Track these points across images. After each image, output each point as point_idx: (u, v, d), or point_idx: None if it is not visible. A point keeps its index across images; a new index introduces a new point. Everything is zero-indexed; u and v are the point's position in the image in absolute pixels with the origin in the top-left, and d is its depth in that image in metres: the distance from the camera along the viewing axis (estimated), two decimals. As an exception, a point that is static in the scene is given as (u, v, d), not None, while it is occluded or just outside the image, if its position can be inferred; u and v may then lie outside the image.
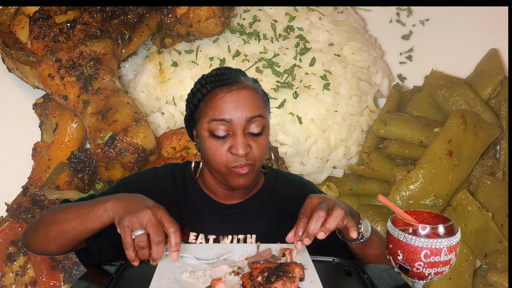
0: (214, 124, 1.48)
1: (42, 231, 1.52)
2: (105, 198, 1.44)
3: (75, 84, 2.70)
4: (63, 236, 1.47)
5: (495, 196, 2.70)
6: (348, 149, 3.04)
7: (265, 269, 1.23)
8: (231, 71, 1.57)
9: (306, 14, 3.20)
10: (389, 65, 3.46)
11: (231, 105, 1.48)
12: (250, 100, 1.50)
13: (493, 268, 2.63)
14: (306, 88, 2.92)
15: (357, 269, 1.40)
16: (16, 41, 2.84)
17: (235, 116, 1.47)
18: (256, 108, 1.50)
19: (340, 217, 1.35)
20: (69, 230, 1.45)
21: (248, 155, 1.49)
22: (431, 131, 2.88)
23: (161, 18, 2.98)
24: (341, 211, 1.36)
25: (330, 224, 1.34)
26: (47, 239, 1.50)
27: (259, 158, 1.52)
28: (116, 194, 1.46)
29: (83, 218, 1.43)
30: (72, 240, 1.48)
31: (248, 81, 1.55)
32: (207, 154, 1.52)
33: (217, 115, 1.48)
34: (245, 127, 1.49)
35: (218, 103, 1.49)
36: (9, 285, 2.53)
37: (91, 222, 1.42)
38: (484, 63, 3.25)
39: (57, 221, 1.48)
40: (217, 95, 1.50)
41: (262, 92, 1.58)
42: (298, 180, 1.76)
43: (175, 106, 2.99)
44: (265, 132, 1.54)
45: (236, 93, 1.49)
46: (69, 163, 2.68)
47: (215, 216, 1.61)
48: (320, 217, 1.34)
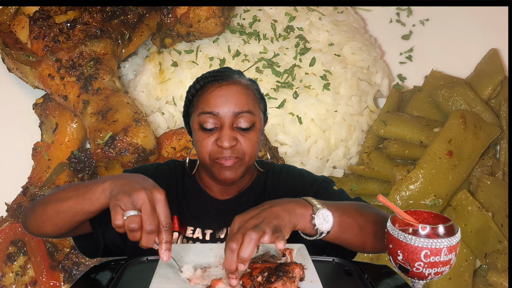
0: (203, 117, 1.51)
1: (39, 209, 1.48)
2: (104, 178, 1.38)
3: (75, 84, 2.70)
4: (58, 215, 1.42)
5: (495, 196, 2.70)
6: (348, 149, 3.04)
7: (265, 269, 1.23)
8: (228, 70, 1.60)
9: (306, 14, 3.20)
10: (389, 65, 3.46)
11: (220, 99, 1.51)
12: (239, 96, 1.52)
13: (493, 268, 2.63)
14: (306, 88, 2.92)
15: (357, 269, 1.40)
16: (16, 41, 2.84)
17: (223, 110, 1.50)
18: (244, 103, 1.52)
19: (252, 242, 1.20)
20: (65, 209, 1.41)
21: (234, 148, 1.50)
22: (431, 131, 2.88)
23: (161, 18, 2.98)
24: (252, 235, 1.20)
25: (243, 253, 1.19)
26: (43, 217, 1.46)
27: (248, 152, 1.53)
28: (117, 174, 1.43)
29: (80, 198, 1.38)
30: (68, 221, 1.43)
31: (242, 79, 1.58)
32: (196, 146, 1.56)
33: (206, 108, 1.52)
34: (233, 121, 1.51)
35: (207, 97, 1.53)
36: (9, 285, 2.53)
37: (88, 203, 1.36)
38: (484, 63, 3.25)
39: (55, 200, 1.44)
40: (208, 89, 1.54)
41: (257, 91, 1.60)
42: (286, 167, 1.76)
43: (175, 106, 2.99)
44: (256, 129, 1.55)
45: (226, 88, 1.52)
46: (69, 163, 2.68)
47: (212, 211, 1.62)
48: (232, 250, 1.21)
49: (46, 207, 1.46)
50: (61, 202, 1.42)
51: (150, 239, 1.25)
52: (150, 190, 1.29)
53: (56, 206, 1.43)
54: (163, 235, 1.26)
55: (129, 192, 1.27)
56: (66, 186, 1.49)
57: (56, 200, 1.44)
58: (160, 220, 1.27)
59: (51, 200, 1.46)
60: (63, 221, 1.43)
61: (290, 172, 1.73)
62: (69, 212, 1.40)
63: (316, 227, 1.33)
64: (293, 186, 1.64)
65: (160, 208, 1.28)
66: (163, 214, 1.28)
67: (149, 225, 1.25)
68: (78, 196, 1.38)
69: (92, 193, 1.35)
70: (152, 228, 1.25)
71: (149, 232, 1.24)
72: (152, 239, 1.26)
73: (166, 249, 1.26)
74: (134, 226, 1.24)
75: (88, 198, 1.36)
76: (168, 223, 1.27)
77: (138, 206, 1.26)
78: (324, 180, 1.70)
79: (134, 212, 1.25)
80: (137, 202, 1.26)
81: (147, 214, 1.25)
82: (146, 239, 1.25)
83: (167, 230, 1.27)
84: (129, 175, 1.40)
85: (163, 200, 1.29)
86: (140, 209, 1.26)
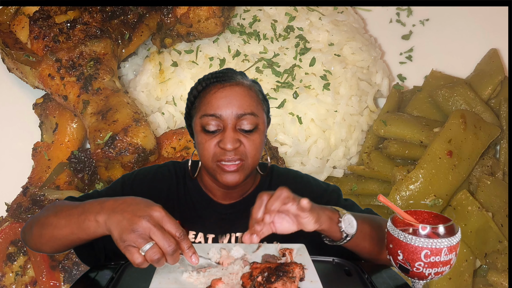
0: (205, 119, 1.49)
1: (36, 232, 1.48)
2: (95, 208, 1.33)
3: (75, 84, 2.70)
4: (55, 241, 1.43)
5: (495, 196, 2.70)
6: (348, 149, 3.04)
7: (265, 269, 1.23)
8: (230, 71, 1.58)
9: (306, 14, 3.20)
10: (389, 65, 3.46)
11: (222, 100, 1.49)
12: (242, 97, 1.50)
13: (493, 268, 2.63)
14: (306, 88, 2.92)
15: (357, 269, 1.40)
16: (16, 41, 2.84)
17: (225, 111, 1.48)
18: (247, 105, 1.50)
19: (282, 196, 1.28)
20: (61, 237, 1.41)
21: (238, 150, 1.48)
22: (431, 131, 2.88)
23: (161, 18, 2.98)
24: (283, 192, 1.29)
25: (270, 204, 1.28)
26: (41, 241, 1.47)
27: (251, 155, 1.50)
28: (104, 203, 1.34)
29: (74, 228, 1.37)
30: (66, 246, 1.45)
31: (244, 80, 1.55)
32: (198, 148, 1.54)
33: (208, 110, 1.49)
34: (236, 123, 1.49)
35: (210, 99, 1.50)
36: (9, 285, 2.53)
37: (84, 235, 1.35)
38: (484, 63, 3.25)
39: (49, 225, 1.43)
40: (210, 91, 1.52)
41: (260, 92, 1.58)
42: (293, 173, 1.73)
43: (175, 106, 2.99)
44: (259, 131, 1.52)
45: (228, 89, 1.50)
46: (69, 163, 2.68)
47: (214, 216, 1.60)
48: (261, 200, 1.29)
49: (42, 232, 1.45)
50: (55, 229, 1.41)
51: (176, 258, 1.25)
52: (147, 214, 1.25)
53: (52, 232, 1.42)
54: (183, 245, 1.26)
55: (131, 228, 1.23)
56: (58, 207, 1.45)
57: (51, 226, 1.42)
58: (173, 234, 1.25)
59: (46, 224, 1.44)
60: (62, 246, 1.45)
61: (298, 179, 1.69)
62: (65, 240, 1.41)
63: (342, 229, 1.37)
64: (301, 195, 1.56)
65: (166, 224, 1.26)
66: (173, 228, 1.26)
67: (169, 247, 1.23)
68: (72, 226, 1.37)
69: (86, 226, 1.33)
70: (172, 247, 1.23)
71: (173, 253, 1.24)
72: (177, 256, 1.25)
73: (192, 254, 1.26)
74: (157, 257, 1.22)
75: (83, 230, 1.35)
76: (181, 233, 1.26)
77: (147, 236, 1.23)
78: (333, 191, 1.67)
79: (149, 245, 1.22)
80: (145, 233, 1.23)
81: (160, 238, 1.23)
82: (172, 259, 1.24)
83: (183, 239, 1.26)
84: (117, 202, 1.32)
85: (165, 215, 1.27)
86: (150, 238, 1.23)
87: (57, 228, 1.41)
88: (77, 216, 1.36)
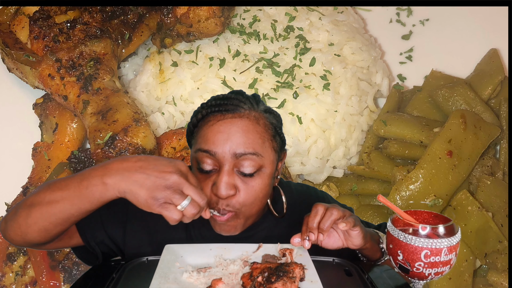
0: (200, 155, 1.31)
1: (23, 212, 1.30)
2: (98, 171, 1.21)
3: (75, 84, 2.70)
4: (48, 218, 1.26)
5: (495, 196, 2.70)
6: (348, 149, 3.04)
7: (265, 269, 1.23)
8: (238, 97, 1.36)
9: (306, 14, 3.20)
10: (389, 65, 3.46)
11: (219, 135, 1.28)
12: (243, 133, 1.29)
13: (493, 268, 2.63)
14: (306, 88, 2.92)
15: (357, 269, 1.40)
16: (16, 41, 2.84)
17: (221, 149, 1.28)
18: (249, 143, 1.29)
19: (333, 218, 1.27)
20: (56, 212, 1.25)
21: (230, 200, 1.29)
22: (431, 131, 2.88)
23: (161, 18, 2.98)
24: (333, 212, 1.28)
25: (323, 224, 1.28)
26: (27, 221, 1.28)
27: (247, 203, 1.31)
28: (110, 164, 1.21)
29: (74, 198, 1.23)
30: (59, 224, 1.28)
31: (253, 110, 1.34)
32: None
33: (203, 145, 1.31)
34: (235, 164, 1.29)
35: (206, 132, 1.31)
36: (9, 285, 2.53)
37: (86, 203, 1.22)
38: (484, 63, 3.25)
39: (40, 203, 1.27)
40: (208, 122, 1.32)
41: (271, 125, 1.37)
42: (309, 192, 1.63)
43: (175, 106, 2.99)
44: (263, 174, 1.31)
45: (229, 123, 1.29)
46: (69, 163, 2.67)
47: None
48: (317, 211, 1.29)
49: (31, 210, 1.28)
50: (50, 204, 1.26)
51: (207, 212, 1.24)
52: (176, 169, 1.18)
53: (45, 208, 1.26)
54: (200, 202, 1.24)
55: (164, 185, 1.16)
56: (50, 184, 1.31)
57: (42, 203, 1.27)
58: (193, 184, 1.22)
59: (36, 202, 1.29)
60: (53, 224, 1.28)
61: (312, 196, 1.60)
62: (61, 214, 1.27)
63: (384, 249, 1.39)
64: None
65: (191, 177, 1.20)
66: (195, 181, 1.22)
67: (202, 201, 1.20)
68: (72, 197, 1.24)
69: (90, 193, 1.21)
70: (206, 200, 1.20)
71: (205, 206, 1.21)
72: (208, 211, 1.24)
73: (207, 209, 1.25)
74: (196, 211, 1.18)
75: (85, 197, 1.22)
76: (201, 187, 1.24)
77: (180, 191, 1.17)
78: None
79: (187, 201, 1.17)
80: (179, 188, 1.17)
81: (195, 192, 1.18)
82: (205, 214, 1.22)
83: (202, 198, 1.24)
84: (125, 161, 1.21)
85: (188, 169, 1.22)
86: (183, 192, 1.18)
87: (50, 203, 1.26)
88: (77, 183, 1.23)
